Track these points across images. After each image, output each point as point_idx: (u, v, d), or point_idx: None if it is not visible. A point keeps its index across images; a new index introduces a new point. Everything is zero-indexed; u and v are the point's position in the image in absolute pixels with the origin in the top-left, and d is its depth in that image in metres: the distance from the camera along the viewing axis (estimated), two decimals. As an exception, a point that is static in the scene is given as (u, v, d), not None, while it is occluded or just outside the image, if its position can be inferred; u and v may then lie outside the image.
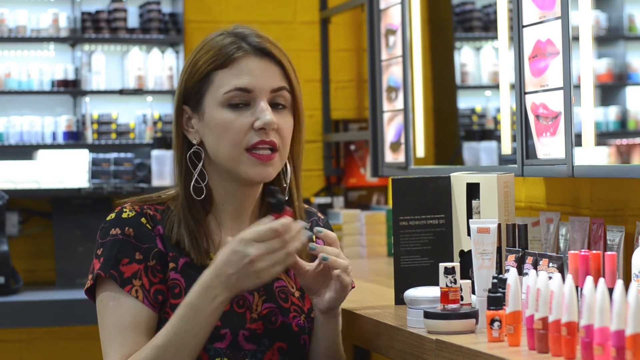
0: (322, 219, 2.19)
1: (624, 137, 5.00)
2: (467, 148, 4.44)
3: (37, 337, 4.63)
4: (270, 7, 4.94)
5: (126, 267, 1.94)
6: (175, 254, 1.98)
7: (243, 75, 1.97)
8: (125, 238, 1.96)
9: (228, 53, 1.98)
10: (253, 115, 1.96)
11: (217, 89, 1.98)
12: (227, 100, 1.97)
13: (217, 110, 1.98)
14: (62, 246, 4.60)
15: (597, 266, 1.81)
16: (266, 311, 2.00)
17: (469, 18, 4.96)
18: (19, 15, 4.73)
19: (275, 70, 1.99)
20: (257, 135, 1.96)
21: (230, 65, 1.97)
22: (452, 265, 1.93)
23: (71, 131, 4.76)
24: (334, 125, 4.93)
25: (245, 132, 1.96)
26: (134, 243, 1.96)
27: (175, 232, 1.98)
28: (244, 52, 1.98)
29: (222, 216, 2.04)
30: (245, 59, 1.98)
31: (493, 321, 1.81)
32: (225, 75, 1.98)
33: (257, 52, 1.99)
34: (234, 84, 1.96)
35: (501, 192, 2.25)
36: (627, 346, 1.47)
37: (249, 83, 1.96)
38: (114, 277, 1.94)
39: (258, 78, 1.97)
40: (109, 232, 1.97)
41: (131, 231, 1.97)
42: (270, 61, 1.99)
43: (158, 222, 1.99)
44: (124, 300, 1.93)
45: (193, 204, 2.00)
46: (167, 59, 4.86)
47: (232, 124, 1.96)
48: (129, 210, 1.99)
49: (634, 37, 5.24)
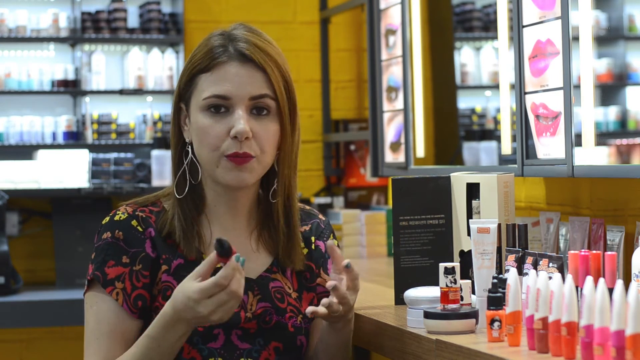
0: (323, 220, 2.18)
1: (624, 137, 5.00)
2: (467, 148, 4.44)
3: (37, 337, 4.63)
4: (270, 7, 4.94)
5: (111, 269, 1.97)
6: (169, 256, 1.99)
7: (222, 82, 1.97)
8: (114, 241, 1.98)
9: (212, 57, 1.98)
10: (230, 122, 1.96)
11: (200, 93, 1.99)
12: (206, 106, 1.98)
13: (198, 114, 1.99)
14: (62, 246, 4.60)
15: (597, 266, 1.81)
16: (261, 310, 2.00)
17: (469, 18, 4.96)
18: (19, 15, 4.73)
19: (258, 77, 1.98)
20: (233, 145, 1.95)
21: (212, 70, 1.98)
22: (452, 265, 1.93)
23: (71, 131, 4.76)
24: (334, 125, 4.93)
25: (222, 139, 1.96)
26: (122, 246, 1.98)
27: (167, 226, 1.99)
28: (227, 56, 1.97)
29: (214, 216, 2.04)
30: (227, 64, 1.97)
31: (493, 321, 1.81)
32: (207, 80, 1.98)
33: (240, 57, 1.97)
34: (212, 91, 1.97)
35: (501, 192, 2.25)
36: (627, 346, 1.47)
37: (227, 90, 1.96)
38: (98, 277, 1.96)
39: (237, 85, 1.96)
40: (102, 236, 2.00)
41: (120, 234, 1.98)
42: (253, 67, 1.97)
43: (150, 224, 2.00)
44: (104, 303, 1.96)
45: (184, 199, 2.01)
46: (167, 59, 4.86)
47: (210, 130, 1.97)
48: (121, 212, 2.01)
49: (634, 37, 5.24)
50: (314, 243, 2.13)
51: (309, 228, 2.13)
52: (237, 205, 2.04)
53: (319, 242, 2.13)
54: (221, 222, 2.04)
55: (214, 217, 2.04)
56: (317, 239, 2.13)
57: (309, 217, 2.15)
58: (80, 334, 1.89)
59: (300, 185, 4.86)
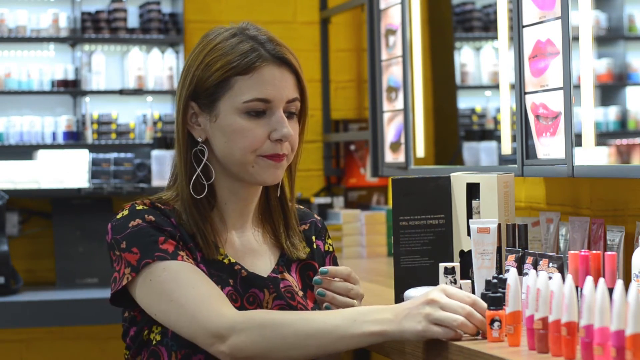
0: (319, 220, 2.20)
1: (624, 137, 5.01)
2: (467, 148, 4.44)
3: (37, 337, 4.63)
4: (270, 7, 4.94)
5: (166, 245, 1.92)
6: (192, 246, 1.98)
7: (264, 85, 1.97)
8: (148, 224, 1.93)
9: (249, 61, 1.97)
10: (269, 124, 1.97)
11: (237, 96, 1.97)
12: (246, 109, 1.97)
13: (233, 116, 1.97)
14: (62, 246, 4.60)
15: (597, 266, 1.81)
16: (277, 308, 2.01)
17: (469, 18, 4.96)
18: (19, 15, 4.73)
19: (292, 80, 2.00)
20: (272, 146, 1.97)
21: (251, 73, 1.97)
22: (452, 265, 1.93)
23: (71, 131, 4.76)
24: (334, 125, 4.93)
25: (261, 142, 1.97)
26: (159, 227, 1.94)
27: (184, 227, 1.98)
28: (264, 60, 1.98)
29: (225, 213, 2.04)
30: (266, 68, 1.97)
31: (493, 321, 1.80)
32: (246, 83, 1.97)
33: (277, 60, 1.99)
34: (254, 94, 1.96)
35: (501, 192, 2.25)
36: (627, 346, 1.47)
37: (269, 94, 1.97)
38: (162, 257, 1.90)
39: (277, 88, 1.98)
40: (127, 225, 1.94)
41: (152, 218, 1.94)
42: (288, 70, 2.00)
43: (171, 215, 1.98)
44: (176, 265, 1.89)
45: (199, 200, 2.00)
46: (167, 59, 4.86)
47: (249, 132, 1.96)
48: (139, 205, 1.98)
49: (634, 37, 5.24)
50: (315, 242, 2.14)
51: (308, 227, 2.15)
52: (247, 204, 2.05)
53: (318, 241, 2.15)
54: (230, 220, 2.04)
55: (224, 214, 2.04)
56: (317, 239, 2.15)
57: (306, 216, 2.17)
58: (80, 334, 1.89)
59: (300, 185, 4.90)
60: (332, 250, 2.18)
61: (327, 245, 2.17)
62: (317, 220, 2.18)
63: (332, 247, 2.19)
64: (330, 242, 2.20)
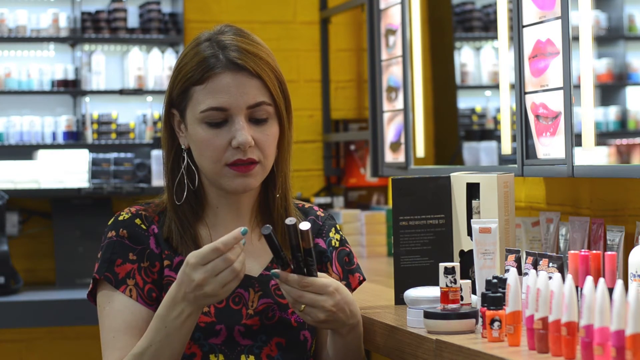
0: (322, 216, 2.15)
1: (624, 137, 5.00)
2: (467, 148, 4.44)
3: (37, 337, 4.63)
4: (270, 7, 4.94)
5: (120, 268, 1.97)
6: (170, 252, 2.00)
7: (218, 93, 1.94)
8: (119, 239, 1.99)
9: (205, 68, 1.94)
10: (230, 133, 1.95)
11: (195, 106, 1.96)
12: (204, 119, 1.95)
13: (196, 126, 1.97)
14: (62, 246, 4.60)
15: (597, 266, 1.81)
16: (262, 307, 2.00)
17: (469, 18, 4.96)
18: (19, 15, 4.74)
19: (253, 85, 1.95)
20: (235, 153, 1.95)
21: (205, 82, 1.94)
22: (452, 265, 1.93)
23: (71, 131, 4.76)
24: (334, 125, 4.93)
25: (223, 150, 1.95)
26: (127, 244, 1.98)
27: (166, 230, 2.00)
28: (220, 67, 1.94)
29: (216, 218, 2.04)
30: (221, 75, 1.94)
31: (493, 321, 1.81)
32: (202, 92, 1.95)
33: (233, 66, 1.94)
34: (208, 104, 1.94)
35: (501, 192, 2.25)
36: (627, 346, 1.47)
37: (224, 102, 1.94)
38: (109, 279, 1.97)
39: (233, 96, 1.94)
40: (107, 235, 2.01)
41: (125, 232, 1.99)
42: (247, 75, 1.95)
43: (153, 222, 2.01)
44: (118, 302, 1.96)
45: (181, 206, 2.01)
46: (167, 59, 4.86)
47: (210, 142, 1.95)
48: (125, 213, 2.03)
49: (634, 37, 5.24)
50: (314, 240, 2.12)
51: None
52: (240, 207, 2.05)
53: (318, 239, 2.12)
54: (225, 224, 2.03)
55: (217, 219, 2.04)
56: (316, 237, 2.12)
57: (305, 215, 2.13)
58: (80, 334, 1.89)
59: (300, 185, 4.90)
60: (339, 246, 2.13)
61: (333, 240, 2.12)
62: (317, 217, 2.14)
63: (338, 242, 2.13)
64: (338, 236, 2.14)
